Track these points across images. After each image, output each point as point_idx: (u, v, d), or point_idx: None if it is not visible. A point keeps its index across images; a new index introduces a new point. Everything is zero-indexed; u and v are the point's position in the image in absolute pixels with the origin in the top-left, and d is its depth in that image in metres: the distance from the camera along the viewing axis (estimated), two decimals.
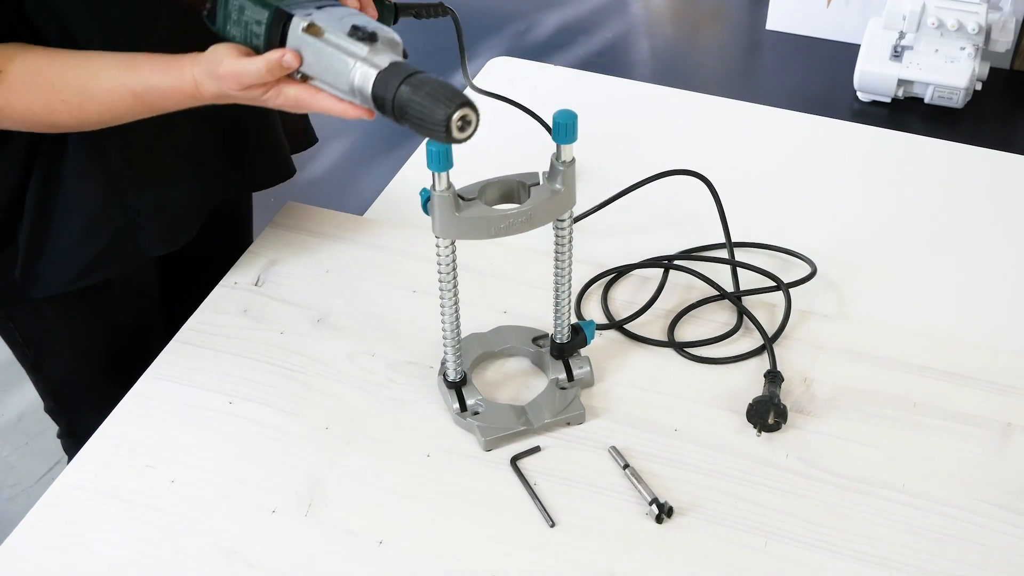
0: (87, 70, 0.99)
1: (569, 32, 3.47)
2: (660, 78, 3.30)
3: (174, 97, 0.99)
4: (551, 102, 1.59)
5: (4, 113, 1.00)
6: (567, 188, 0.97)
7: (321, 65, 0.91)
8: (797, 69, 3.31)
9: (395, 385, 1.13)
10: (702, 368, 1.14)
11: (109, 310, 1.25)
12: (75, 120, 1.01)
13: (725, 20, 3.59)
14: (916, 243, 1.32)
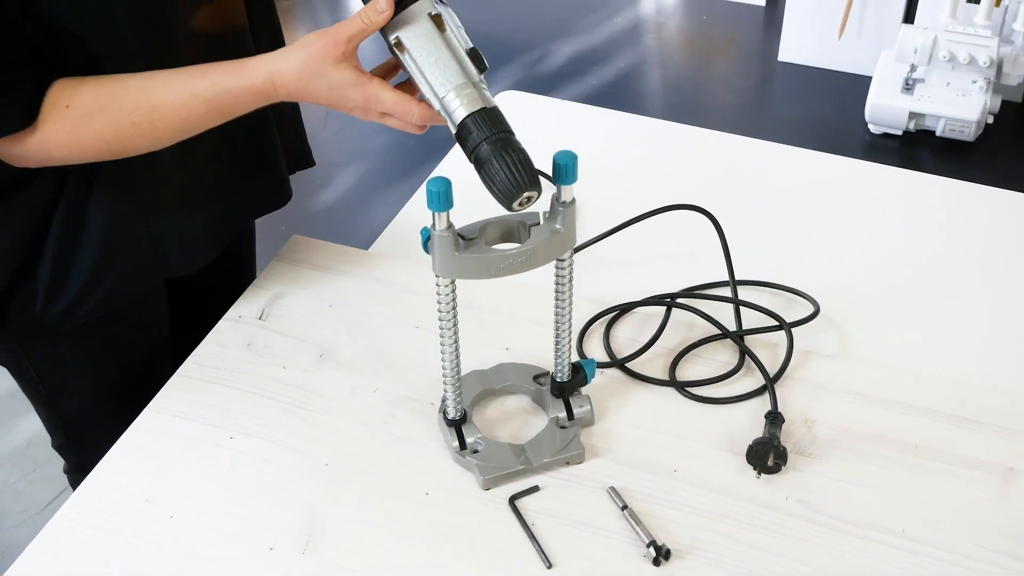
0: (153, 87, 1.00)
1: (582, 62, 3.49)
2: (672, 108, 3.31)
3: (244, 98, 1.00)
4: (560, 136, 1.61)
5: (75, 147, 1.01)
6: (567, 228, 0.98)
7: (430, 58, 0.93)
8: (809, 101, 3.31)
9: (396, 421, 1.13)
10: (703, 408, 1.14)
11: (122, 344, 1.26)
12: (148, 140, 1.02)
13: (738, 51, 3.61)
14: (921, 283, 1.32)
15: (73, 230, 1.10)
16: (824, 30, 3.33)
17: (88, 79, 1.00)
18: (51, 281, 1.11)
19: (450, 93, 0.92)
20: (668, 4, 3.80)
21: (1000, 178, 2.94)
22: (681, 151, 1.56)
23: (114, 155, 1.03)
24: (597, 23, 3.69)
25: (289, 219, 2.85)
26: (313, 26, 3.85)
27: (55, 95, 0.98)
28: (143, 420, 1.14)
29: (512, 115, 1.62)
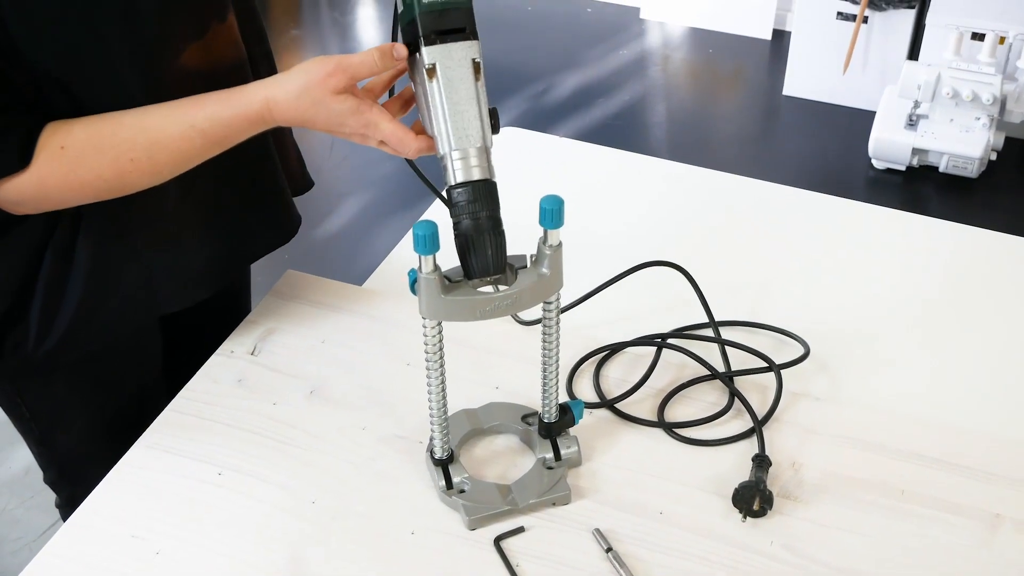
0: (148, 122, 1.00)
1: (587, 94, 3.51)
2: (676, 141, 3.33)
3: (239, 125, 1.00)
4: (557, 174, 1.62)
5: (74, 187, 1.00)
6: (554, 272, 0.98)
7: (459, 104, 0.92)
8: (813, 135, 3.32)
9: (383, 459, 1.13)
10: (691, 449, 1.14)
11: (115, 381, 1.26)
12: (148, 176, 1.02)
13: (743, 85, 3.62)
14: (913, 326, 1.32)
15: (63, 270, 1.10)
16: (829, 65, 3.35)
17: (82, 120, 1.00)
18: (41, 320, 1.11)
19: (466, 150, 0.93)
20: (674, 37, 3.82)
21: (1003, 215, 2.95)
22: (679, 190, 1.57)
23: (114, 193, 1.03)
24: (603, 55, 3.71)
25: (291, 247, 2.87)
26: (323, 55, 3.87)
27: (48, 137, 0.98)
28: (132, 455, 1.14)
29: (511, 152, 1.64)
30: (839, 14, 3.26)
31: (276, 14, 4.10)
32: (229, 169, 1.12)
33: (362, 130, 0.99)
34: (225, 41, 1.10)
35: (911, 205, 3.03)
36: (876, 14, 3.24)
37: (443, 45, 0.91)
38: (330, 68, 0.96)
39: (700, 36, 3.80)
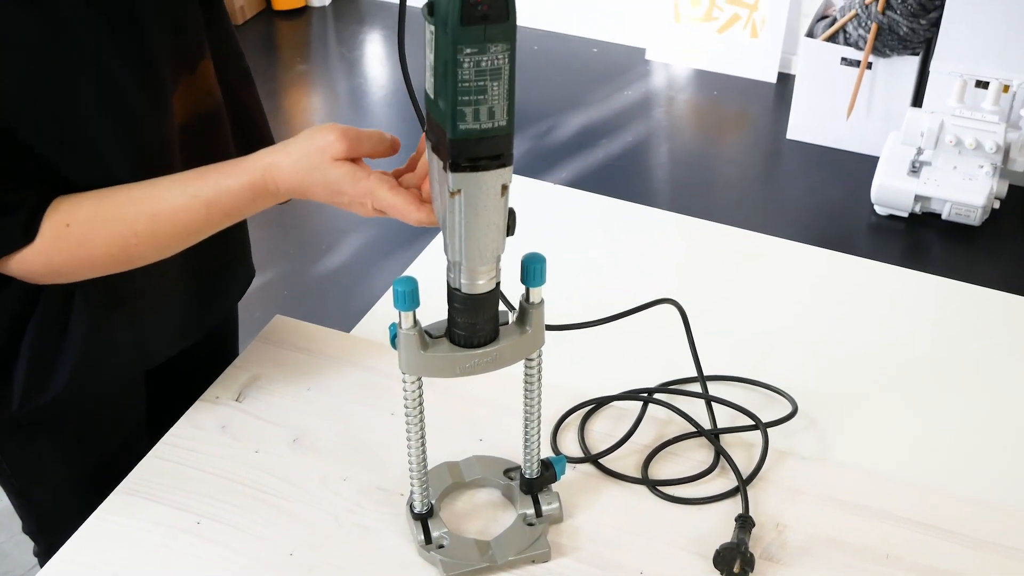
0: (153, 195, 0.99)
1: (591, 134, 3.52)
2: (678, 183, 3.33)
3: (243, 194, 0.98)
4: (550, 221, 1.62)
5: (83, 263, 1.00)
6: (535, 329, 0.98)
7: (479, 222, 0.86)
8: (816, 180, 3.32)
9: (364, 511, 1.12)
10: (674, 507, 1.13)
11: (98, 435, 1.24)
12: (153, 249, 1.01)
13: (747, 128, 3.63)
14: (906, 386, 1.31)
15: (55, 337, 1.09)
16: (832, 110, 3.35)
17: (88, 195, 1.00)
18: (28, 383, 1.11)
19: (478, 266, 0.90)
20: (679, 78, 3.83)
21: (1006, 264, 2.94)
22: (675, 240, 1.57)
23: (122, 267, 1.03)
24: (607, 96, 3.72)
25: (291, 284, 2.88)
26: (328, 92, 3.90)
27: (54, 215, 0.97)
28: (112, 502, 1.14)
29: None
30: (843, 59, 3.26)
31: (284, 49, 4.13)
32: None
33: (361, 199, 0.96)
34: (198, 90, 1.10)
35: (913, 252, 3.03)
36: (880, 60, 3.25)
37: (473, 173, 0.83)
38: (332, 136, 0.95)
39: (705, 78, 3.81)
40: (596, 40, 4.04)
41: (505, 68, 0.79)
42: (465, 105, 0.80)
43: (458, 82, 0.78)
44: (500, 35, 0.78)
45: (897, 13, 3.15)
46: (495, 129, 0.81)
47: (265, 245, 3.05)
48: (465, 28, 0.76)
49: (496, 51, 0.78)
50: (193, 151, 1.10)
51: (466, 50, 0.77)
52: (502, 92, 0.80)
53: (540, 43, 4.05)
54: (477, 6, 0.76)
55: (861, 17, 3.21)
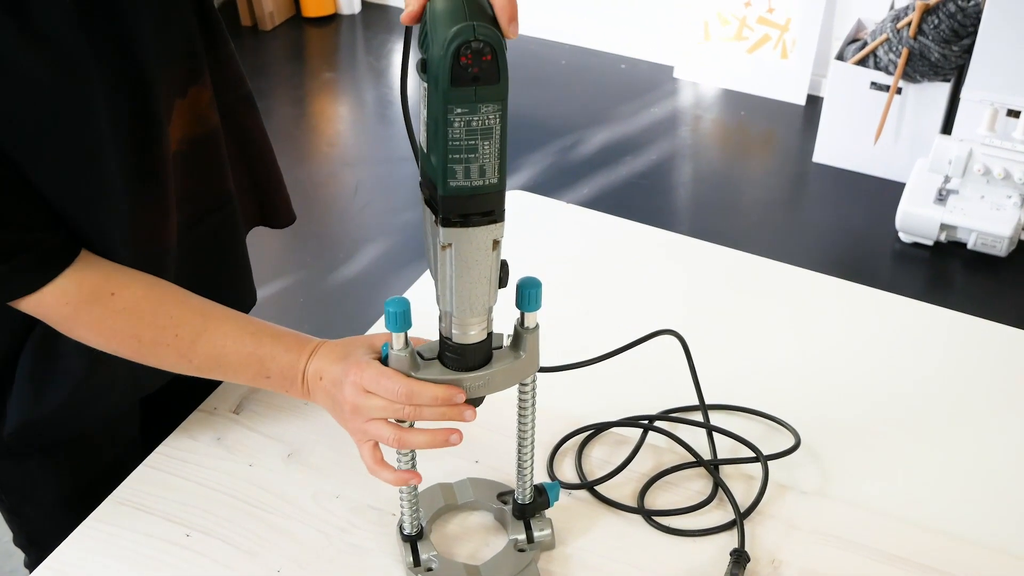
0: (208, 312, 1.02)
1: (615, 151, 3.50)
2: (702, 203, 3.31)
3: (281, 376, 1.01)
4: (561, 242, 1.60)
5: (104, 335, 1.00)
6: (530, 354, 0.96)
7: (470, 276, 0.86)
8: (841, 204, 3.29)
9: (355, 530, 1.11)
10: (669, 539, 1.11)
11: (90, 458, 1.23)
12: (177, 357, 1.01)
13: (773, 149, 3.60)
14: (915, 424, 1.27)
15: (46, 365, 1.09)
16: (860, 134, 3.32)
17: (141, 275, 1.01)
18: (19, 411, 1.10)
19: (469, 318, 0.90)
20: (707, 97, 3.81)
21: None
22: (688, 264, 1.54)
23: (138, 357, 1.02)
24: (633, 112, 3.71)
25: (307, 292, 2.87)
26: (355, 100, 3.90)
27: (102, 279, 0.98)
28: (102, 511, 1.13)
29: (516, 216, 1.62)
30: (873, 84, 3.23)
31: (312, 56, 4.14)
32: (201, 260, 1.14)
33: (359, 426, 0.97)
34: (191, 116, 1.10)
35: (937, 282, 2.99)
36: (910, 86, 3.21)
37: (464, 229, 0.83)
38: (373, 372, 0.95)
39: (733, 98, 3.79)
40: (624, 56, 4.03)
41: (496, 128, 0.79)
42: (456, 163, 0.80)
43: (448, 140, 0.79)
44: (491, 96, 0.78)
45: (929, 39, 3.11)
46: (486, 187, 0.82)
47: (283, 253, 3.05)
48: (455, 89, 0.77)
49: (487, 111, 0.78)
50: (186, 175, 1.10)
51: (456, 110, 0.78)
52: (493, 151, 0.80)
53: (568, 58, 4.04)
54: (468, 68, 0.76)
55: (892, 41, 3.18)
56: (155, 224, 1.07)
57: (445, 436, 0.96)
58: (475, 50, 0.76)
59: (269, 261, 2.98)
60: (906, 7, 3.21)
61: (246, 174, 1.26)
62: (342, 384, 0.96)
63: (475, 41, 0.76)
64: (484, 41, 0.76)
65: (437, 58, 0.77)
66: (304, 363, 1.00)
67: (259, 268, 2.99)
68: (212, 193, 1.18)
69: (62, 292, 0.96)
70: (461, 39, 0.76)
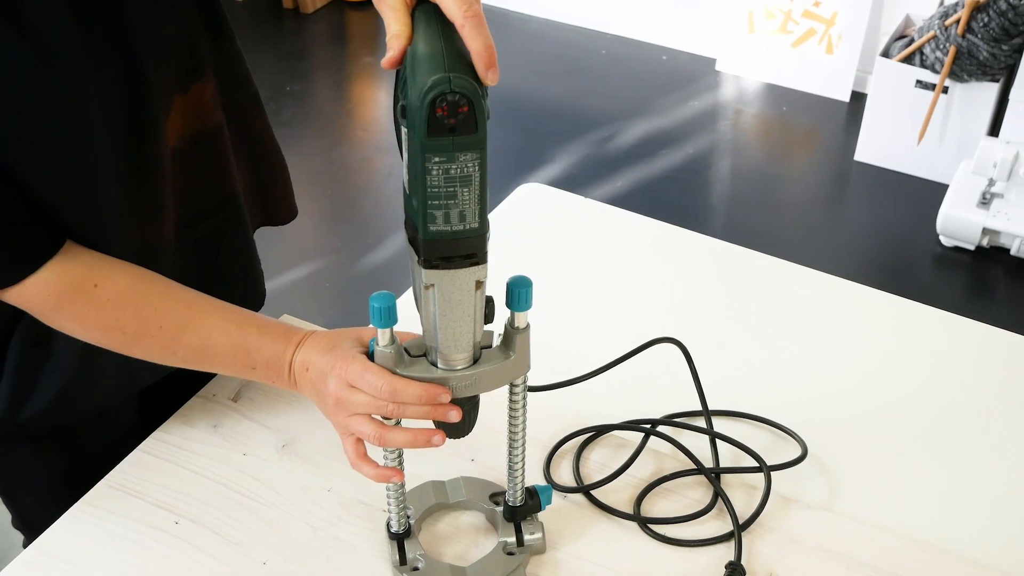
0: (194, 304, 1.00)
1: (653, 143, 3.46)
2: (738, 198, 3.26)
3: (268, 367, 1.00)
4: (576, 236, 1.57)
5: (88, 326, 0.99)
6: (519, 355, 0.94)
7: (453, 314, 0.86)
8: (881, 204, 3.22)
9: (343, 525, 1.10)
10: (664, 548, 1.08)
11: (85, 447, 1.22)
12: (162, 349, 1.00)
13: (814, 146, 3.54)
14: (933, 441, 1.23)
15: (35, 356, 1.08)
16: (904, 133, 3.25)
17: (125, 265, 0.99)
18: (10, 400, 1.09)
19: (453, 354, 0.90)
20: (748, 91, 3.75)
21: None
22: (711, 266, 1.50)
23: (121, 349, 1.01)
24: (673, 105, 3.66)
25: (333, 278, 2.87)
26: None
27: (84, 271, 0.96)
28: (94, 495, 1.12)
29: (529, 207, 1.60)
30: (918, 82, 3.16)
31: (352, 39, 4.12)
32: (207, 255, 1.13)
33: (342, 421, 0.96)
34: (191, 113, 1.08)
35: (977, 288, 2.92)
36: (957, 85, 3.14)
37: (446, 271, 0.83)
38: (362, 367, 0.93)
39: (776, 93, 3.73)
40: (666, 48, 3.97)
41: (476, 175, 0.78)
42: (435, 208, 0.79)
43: (427, 187, 0.78)
44: (469, 145, 0.77)
45: (978, 37, 3.03)
46: (466, 232, 0.81)
47: (311, 238, 3.05)
48: (432, 139, 0.76)
49: (465, 159, 0.77)
50: (186, 173, 1.09)
51: (434, 158, 0.77)
52: (473, 197, 0.79)
53: (609, 47, 4.00)
54: (444, 119, 0.75)
55: (940, 39, 3.10)
56: (151, 220, 1.06)
57: (427, 436, 0.94)
58: (451, 102, 0.75)
59: (298, 246, 2.97)
60: (955, 4, 3.13)
61: (253, 175, 1.24)
62: (327, 377, 0.95)
63: (451, 93, 0.75)
64: (460, 93, 0.75)
65: (414, 108, 0.76)
66: (291, 354, 0.99)
67: (288, 253, 3.00)
68: (215, 192, 1.17)
69: (44, 284, 0.95)
70: (436, 91, 0.74)
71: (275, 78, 3.77)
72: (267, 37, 4.04)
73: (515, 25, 4.09)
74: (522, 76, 3.75)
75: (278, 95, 3.68)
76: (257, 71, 1.22)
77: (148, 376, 1.20)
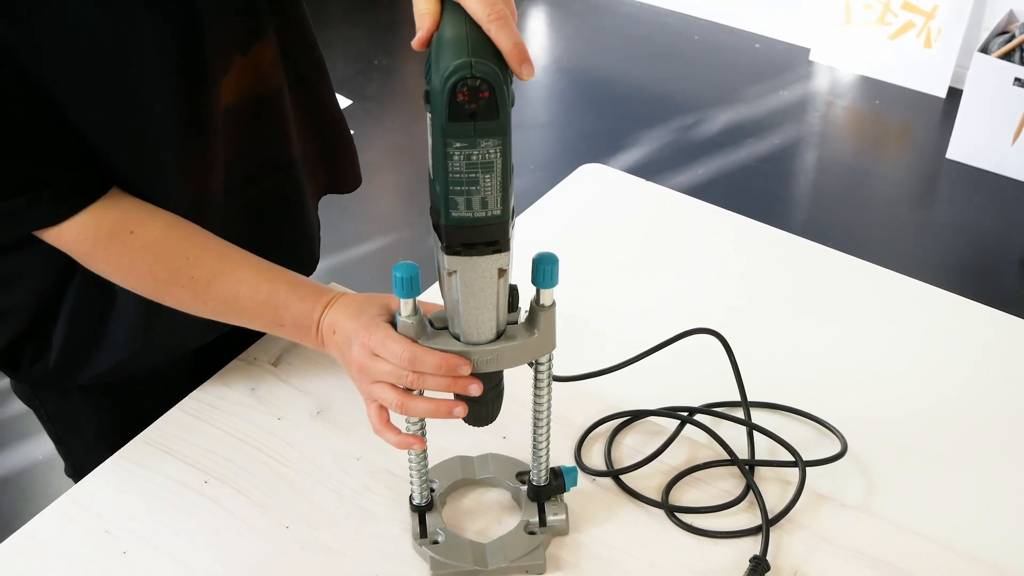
0: (225, 255, 1.01)
1: (737, 133, 3.40)
2: (821, 193, 3.19)
3: (296, 323, 1.00)
4: (634, 220, 1.55)
5: (121, 270, 1.01)
6: (543, 333, 0.93)
7: (474, 301, 0.86)
8: (970, 205, 3.12)
9: (369, 494, 1.10)
10: (689, 538, 1.06)
11: (137, 401, 1.24)
12: (191, 298, 1.02)
13: (906, 143, 3.44)
14: (982, 448, 1.18)
15: (90, 305, 1.10)
16: (999, 132, 3.13)
17: (163, 213, 1.01)
18: (66, 345, 1.12)
19: (477, 341, 0.90)
20: (841, 83, 3.66)
21: None
22: (760, 254, 1.47)
23: (152, 295, 1.03)
24: (762, 94, 3.59)
25: (406, 251, 2.88)
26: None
27: (122, 217, 0.98)
28: (129, 450, 1.15)
29: (588, 188, 1.58)
30: (1016, 80, 3.05)
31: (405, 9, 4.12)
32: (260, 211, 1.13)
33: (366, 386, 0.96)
34: (251, 74, 1.09)
35: None
36: None
37: (468, 257, 0.83)
38: (368, 331, 0.94)
39: (870, 85, 3.63)
40: (760, 35, 3.90)
41: (497, 161, 0.78)
42: (457, 195, 0.79)
43: (449, 172, 0.78)
44: (490, 131, 0.76)
45: None
46: (488, 218, 0.81)
47: (386, 211, 3.07)
48: (453, 124, 0.75)
49: (487, 146, 0.77)
50: (241, 135, 1.09)
51: (455, 144, 0.77)
52: (495, 184, 0.79)
53: (701, 33, 3.93)
54: (465, 104, 0.75)
55: None
56: (200, 175, 1.07)
57: (449, 408, 0.93)
58: (472, 87, 0.74)
59: (373, 219, 3.00)
60: None
61: (313, 140, 1.24)
62: (351, 343, 0.95)
63: (472, 79, 0.74)
64: (481, 78, 0.74)
65: (436, 92, 0.75)
66: (319, 314, 0.99)
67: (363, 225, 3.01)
68: (271, 155, 1.18)
69: (82, 228, 0.97)
70: (458, 76, 0.74)
71: (364, 52, 3.79)
72: (359, 10, 4.07)
73: (609, 7, 4.05)
74: (611, 59, 3.71)
75: (367, 68, 3.71)
76: (347, 44, 1.22)
77: (197, 338, 1.22)
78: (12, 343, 1.13)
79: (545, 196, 1.55)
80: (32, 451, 2.32)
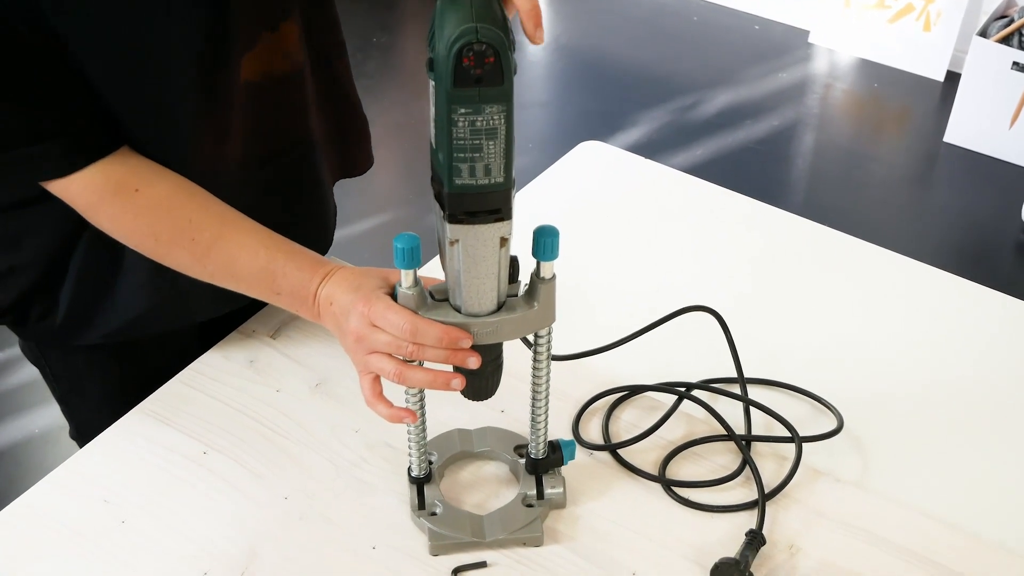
0: (229, 220, 1.01)
1: (735, 114, 3.39)
2: (818, 175, 3.19)
3: (294, 294, 1.00)
4: (632, 197, 1.55)
5: (125, 229, 1.01)
6: (543, 306, 0.93)
7: (476, 270, 0.86)
8: (967, 188, 3.12)
9: (366, 465, 1.10)
10: (685, 511, 1.07)
11: (142, 363, 1.25)
12: (191, 260, 1.02)
13: (904, 126, 3.44)
14: (977, 425, 1.18)
15: (98, 263, 1.10)
16: (997, 116, 3.13)
17: (171, 175, 1.01)
18: (73, 303, 1.12)
19: (478, 312, 0.91)
20: (840, 66, 3.66)
21: None
22: (755, 231, 1.47)
23: (153, 255, 1.03)
24: (761, 76, 3.58)
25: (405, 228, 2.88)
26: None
27: (129, 174, 0.99)
28: (128, 420, 1.15)
29: (587, 166, 1.58)
30: (1015, 64, 3.04)
31: None
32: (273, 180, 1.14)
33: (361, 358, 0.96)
34: (276, 51, 1.09)
35: None
36: None
37: (471, 226, 0.83)
38: (383, 307, 0.93)
39: (868, 68, 3.62)
40: (759, 17, 3.89)
41: (501, 128, 0.78)
42: (461, 161, 0.79)
43: (453, 139, 0.78)
44: (495, 97, 0.77)
45: None
46: (492, 186, 0.81)
47: (385, 189, 3.06)
48: (458, 89, 0.76)
49: (491, 112, 0.77)
50: (261, 111, 1.09)
51: (460, 110, 0.77)
52: (498, 151, 0.79)
53: (701, 14, 3.92)
54: (470, 69, 0.75)
55: None
56: (215, 147, 1.07)
57: (447, 379, 0.93)
58: (477, 52, 0.75)
59: (372, 196, 2.99)
60: None
61: (332, 123, 1.24)
62: (349, 314, 0.95)
63: (477, 43, 0.74)
64: (487, 43, 0.75)
65: (441, 58, 0.76)
66: (316, 285, 0.99)
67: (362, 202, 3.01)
68: (289, 133, 1.18)
69: (88, 181, 0.97)
70: (463, 41, 0.75)
71: (363, 28, 3.78)
72: None
73: None
74: (611, 39, 3.70)
75: (365, 46, 3.70)
76: (346, 22, 1.22)
77: (207, 310, 1.21)
78: (20, 300, 1.13)
79: (544, 173, 1.55)
80: (29, 423, 2.33)
